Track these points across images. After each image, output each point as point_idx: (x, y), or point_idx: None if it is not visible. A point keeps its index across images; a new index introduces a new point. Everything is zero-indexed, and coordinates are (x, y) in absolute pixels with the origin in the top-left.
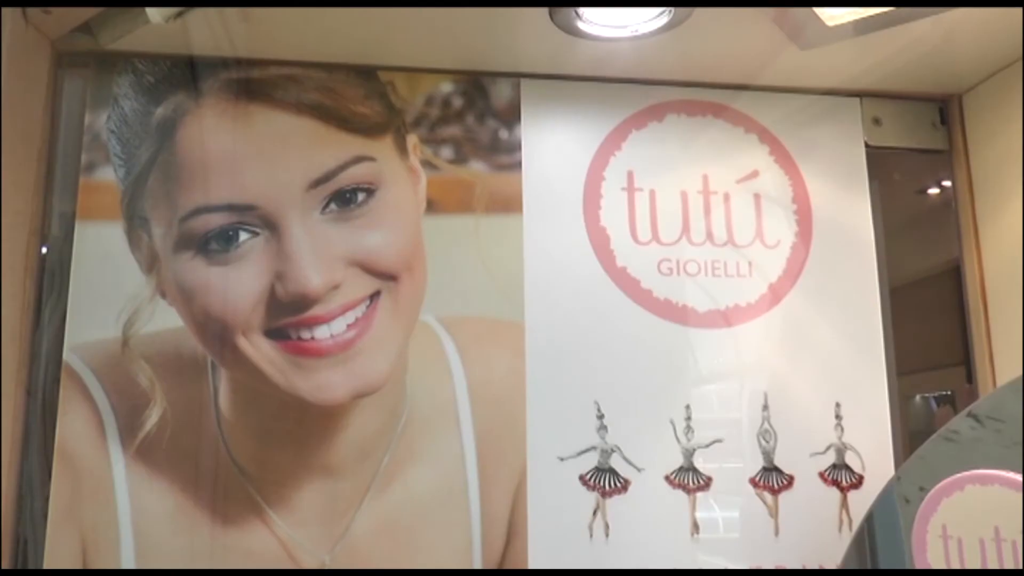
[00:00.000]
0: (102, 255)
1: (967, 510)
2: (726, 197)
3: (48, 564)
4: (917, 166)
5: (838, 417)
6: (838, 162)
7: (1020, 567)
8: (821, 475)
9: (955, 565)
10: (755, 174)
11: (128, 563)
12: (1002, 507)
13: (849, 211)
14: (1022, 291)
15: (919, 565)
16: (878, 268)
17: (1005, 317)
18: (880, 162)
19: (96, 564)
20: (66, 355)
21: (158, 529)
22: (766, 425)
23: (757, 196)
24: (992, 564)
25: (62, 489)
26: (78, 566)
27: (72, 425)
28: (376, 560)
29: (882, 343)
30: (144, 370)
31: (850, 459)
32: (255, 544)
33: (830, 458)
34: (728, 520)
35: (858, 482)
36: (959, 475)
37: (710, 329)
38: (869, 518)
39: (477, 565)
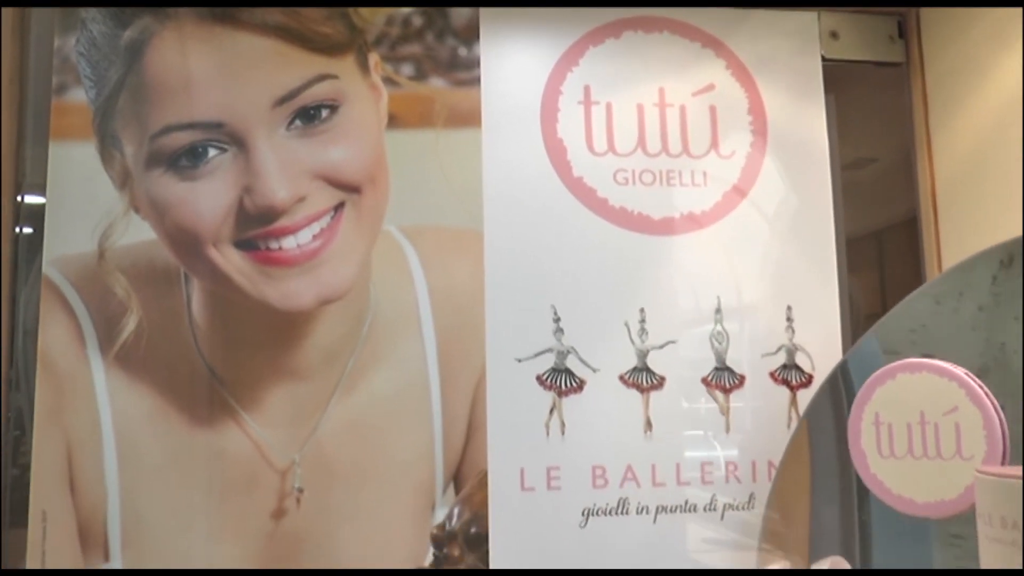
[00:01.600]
0: (76, 173)
1: (897, 397)
2: (682, 110)
3: (36, 466)
4: (873, 79)
5: (789, 320)
6: (794, 75)
7: (939, 446)
8: (772, 375)
9: (884, 451)
10: (711, 87)
11: (111, 463)
12: (928, 392)
13: (804, 123)
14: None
15: (853, 452)
16: (832, 179)
17: (954, 224)
18: (836, 75)
19: (81, 464)
20: (45, 268)
21: (138, 430)
22: (719, 327)
23: (713, 108)
24: (916, 446)
25: (46, 394)
26: (64, 467)
27: (53, 335)
28: (343, 458)
29: (834, 250)
30: (120, 281)
31: (800, 360)
32: (229, 444)
33: (781, 358)
34: (681, 418)
35: (807, 381)
36: (892, 364)
37: (664, 236)
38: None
39: (439, 462)
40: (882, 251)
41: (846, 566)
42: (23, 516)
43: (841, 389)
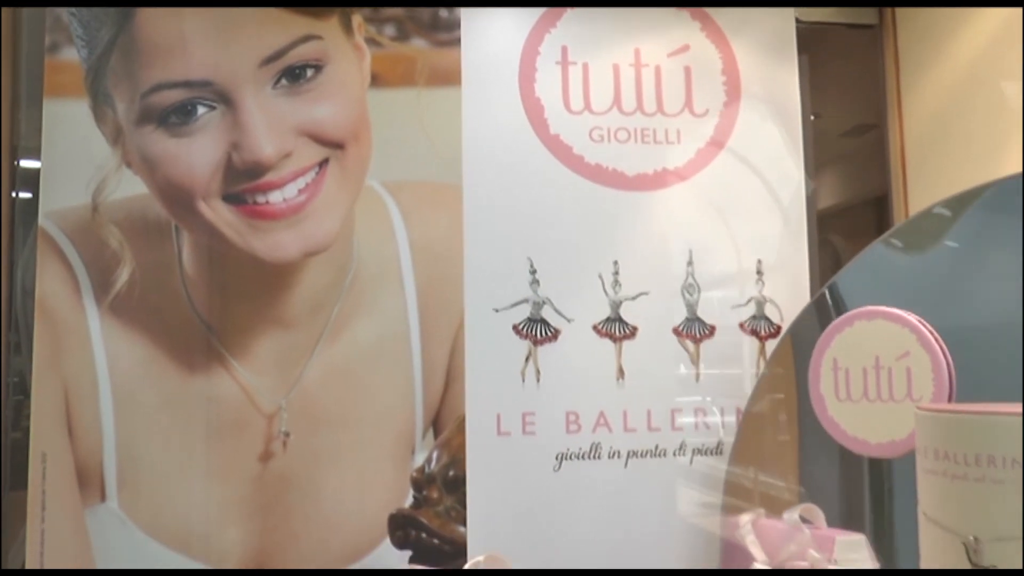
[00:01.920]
0: (70, 129)
1: (854, 343)
2: (657, 70)
3: (35, 410)
4: (846, 40)
5: (759, 273)
6: (768, 37)
7: (891, 390)
8: (741, 325)
9: (841, 394)
10: (685, 48)
11: (106, 407)
12: (883, 338)
13: (778, 84)
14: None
15: (813, 396)
16: (803, 137)
17: (922, 179)
18: (810, 37)
19: (78, 410)
20: (41, 221)
21: (132, 376)
22: (690, 280)
23: (687, 69)
24: (871, 389)
25: (44, 342)
26: (62, 410)
27: (50, 284)
28: (327, 403)
29: (804, 205)
30: (113, 233)
31: (769, 311)
32: (219, 390)
33: (750, 310)
34: (652, 366)
35: (776, 332)
36: (850, 312)
37: (639, 192)
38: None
39: (419, 407)
40: (851, 210)
41: (819, 515)
42: (23, 478)
43: (804, 338)
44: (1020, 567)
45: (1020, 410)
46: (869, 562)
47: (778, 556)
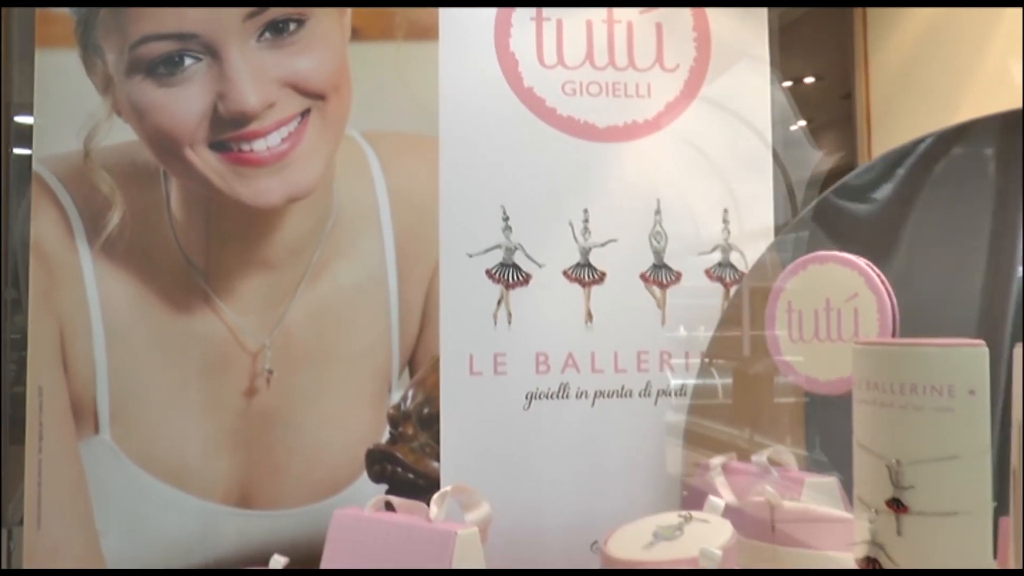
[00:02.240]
0: (62, 79)
1: (807, 287)
2: (629, 26)
3: (32, 346)
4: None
5: (725, 222)
6: None
7: (840, 330)
8: (707, 272)
9: (795, 336)
10: (657, 5)
11: (99, 346)
12: (834, 281)
13: (747, 39)
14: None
15: (768, 338)
16: (771, 93)
17: (885, 137)
18: None
19: (72, 346)
20: (35, 166)
21: (123, 316)
22: (658, 228)
23: (659, 25)
24: (821, 329)
25: (39, 281)
26: (57, 347)
27: (44, 226)
28: (309, 343)
29: (770, 159)
30: (104, 179)
31: (735, 259)
32: (205, 328)
33: (716, 257)
34: (619, 310)
35: (740, 279)
36: (804, 257)
37: (609, 143)
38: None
39: (395, 348)
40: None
41: (790, 457)
42: (21, 434)
43: (762, 283)
44: (932, 487)
45: (940, 342)
46: (840, 505)
47: (744, 497)
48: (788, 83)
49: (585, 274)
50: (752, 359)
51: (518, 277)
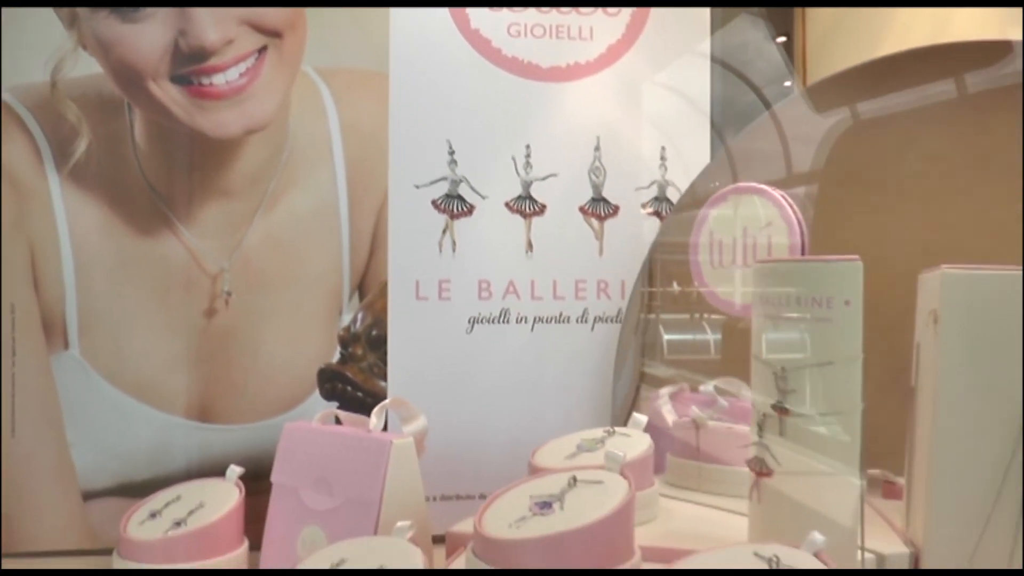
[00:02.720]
0: (29, 13)
1: (727, 216)
2: None
3: (5, 266)
4: None
5: (663, 159)
6: None
7: (755, 256)
8: (643, 206)
9: (715, 264)
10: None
11: (67, 266)
12: (752, 211)
13: None
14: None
15: (692, 265)
16: (711, 41)
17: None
18: None
19: (43, 268)
20: (4, 95)
21: (90, 238)
22: (597, 163)
23: None
24: (739, 256)
25: (10, 205)
26: (28, 268)
27: (14, 153)
28: (266, 267)
29: (708, 98)
30: (71, 108)
31: (671, 193)
32: (168, 251)
33: (653, 192)
34: (559, 241)
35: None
36: (725, 188)
37: (551, 83)
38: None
39: (346, 273)
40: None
41: (741, 386)
42: None
43: (688, 214)
44: (810, 391)
45: (821, 258)
46: None
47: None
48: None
49: (526, 206)
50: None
51: (462, 208)
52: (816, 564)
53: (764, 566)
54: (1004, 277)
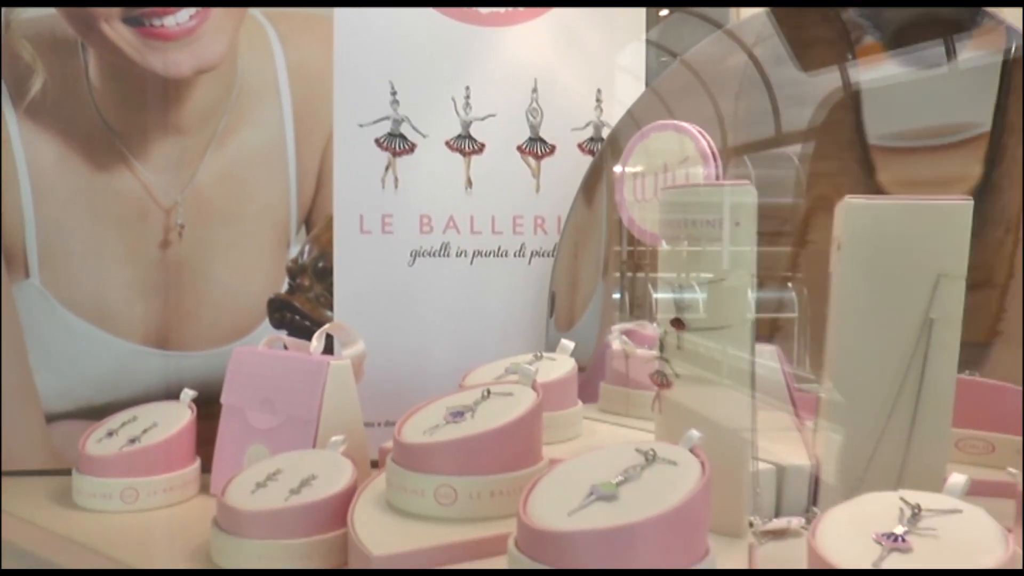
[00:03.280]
0: None
1: (650, 152)
2: None
3: None
4: None
5: (598, 100)
6: None
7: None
8: (579, 146)
9: (638, 195)
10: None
11: (27, 200)
12: (671, 147)
13: None
14: None
15: (618, 199)
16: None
17: None
18: None
19: (2, 200)
20: None
21: (48, 172)
22: (534, 104)
23: None
24: (659, 189)
25: None
26: None
27: None
28: (217, 201)
29: (643, 43)
30: (26, 48)
31: (606, 133)
32: (123, 186)
33: (588, 132)
34: (497, 178)
35: None
36: (647, 126)
37: (491, 27)
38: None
39: (293, 207)
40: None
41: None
42: None
43: (616, 151)
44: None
45: (714, 183)
46: (778, 367)
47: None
48: None
49: (466, 145)
50: (602, 219)
51: (404, 146)
52: (691, 459)
53: (642, 460)
54: (902, 207)
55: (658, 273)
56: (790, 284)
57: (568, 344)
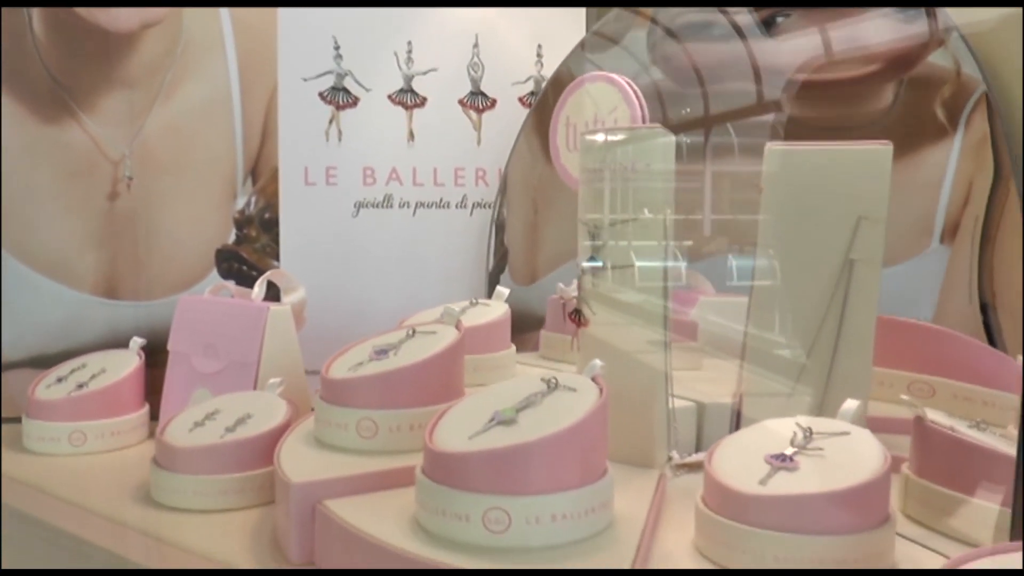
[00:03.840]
0: None
1: (581, 102)
2: None
3: None
4: None
5: (539, 56)
6: None
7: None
8: (520, 99)
9: (570, 144)
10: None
11: None
12: (601, 97)
13: None
14: None
15: (551, 148)
16: None
17: None
18: None
19: None
20: None
21: None
22: (475, 59)
23: None
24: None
25: None
26: None
27: None
28: (164, 154)
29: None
30: None
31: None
32: (71, 139)
33: (529, 87)
34: (439, 132)
35: None
36: (580, 77)
37: None
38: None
39: (239, 159)
40: None
41: None
42: None
43: (550, 102)
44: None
45: (628, 127)
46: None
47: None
48: None
49: (408, 98)
50: (541, 170)
51: (347, 99)
52: (591, 386)
53: (544, 388)
54: (822, 152)
55: (579, 215)
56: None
57: (503, 290)
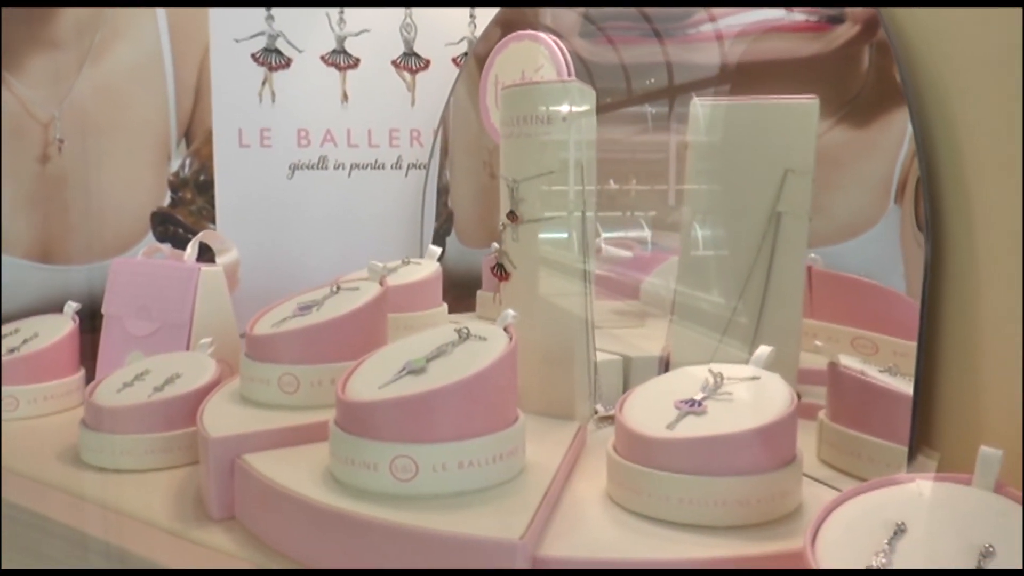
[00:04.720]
0: None
1: (509, 61)
2: None
3: None
4: None
5: (472, 16)
6: None
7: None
8: (454, 60)
9: (494, 94)
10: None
11: None
12: (527, 56)
13: None
14: None
15: (481, 108)
16: None
17: None
18: None
19: None
20: None
21: None
22: (408, 20)
23: None
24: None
25: None
26: None
27: None
28: (96, 115)
29: None
30: None
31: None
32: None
33: (463, 47)
34: (372, 92)
35: None
36: (508, 36)
37: None
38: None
39: (172, 121)
40: None
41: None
42: None
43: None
44: (535, 198)
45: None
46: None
47: None
48: None
49: (341, 59)
50: (472, 128)
51: (280, 61)
52: (502, 335)
53: (456, 338)
54: (748, 106)
55: (500, 170)
56: None
57: (435, 249)
